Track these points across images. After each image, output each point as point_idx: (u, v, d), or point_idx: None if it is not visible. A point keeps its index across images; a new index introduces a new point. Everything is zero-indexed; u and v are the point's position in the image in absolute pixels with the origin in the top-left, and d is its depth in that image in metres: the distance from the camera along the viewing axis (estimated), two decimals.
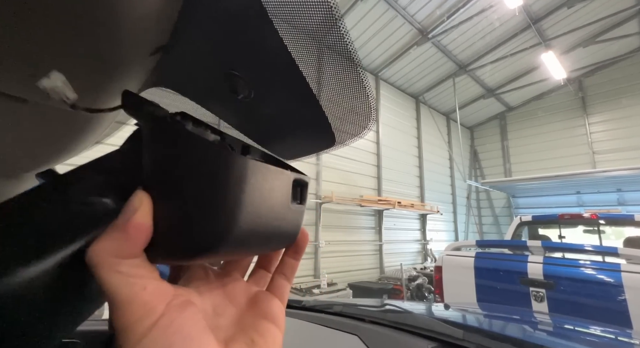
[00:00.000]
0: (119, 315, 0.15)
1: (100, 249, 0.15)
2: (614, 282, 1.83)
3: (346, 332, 0.68)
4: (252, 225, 0.17)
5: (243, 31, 0.21)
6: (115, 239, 0.15)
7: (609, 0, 5.80)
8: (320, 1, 0.19)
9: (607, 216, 3.33)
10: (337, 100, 0.25)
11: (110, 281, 0.15)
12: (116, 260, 0.15)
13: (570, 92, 8.00)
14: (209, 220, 0.16)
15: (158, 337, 0.14)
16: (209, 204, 0.16)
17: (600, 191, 7.26)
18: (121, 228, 0.15)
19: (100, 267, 0.15)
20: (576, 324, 1.07)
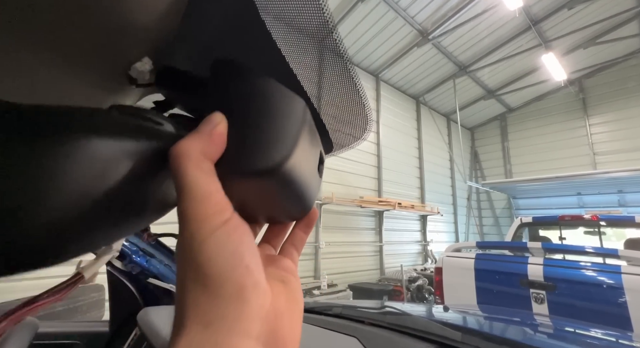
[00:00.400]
0: (195, 208, 0.15)
1: (190, 145, 0.16)
2: (614, 284, 1.83)
3: (345, 334, 0.68)
4: (298, 170, 0.19)
5: (241, 41, 0.22)
6: (202, 140, 0.17)
7: (610, 2, 5.81)
8: (315, 13, 0.20)
9: (607, 217, 3.33)
10: (334, 109, 0.25)
11: (194, 173, 0.16)
12: (201, 157, 0.16)
13: (571, 93, 8.00)
14: (271, 145, 0.18)
15: (228, 233, 0.16)
16: (274, 132, 0.18)
17: (601, 192, 7.25)
18: (207, 132, 0.17)
19: (188, 159, 0.16)
20: (576, 326, 1.07)
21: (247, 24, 0.22)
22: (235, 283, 0.15)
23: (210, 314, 0.15)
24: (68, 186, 0.13)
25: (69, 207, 0.14)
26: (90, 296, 1.69)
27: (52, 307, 1.52)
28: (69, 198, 0.14)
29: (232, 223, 0.16)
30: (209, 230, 0.15)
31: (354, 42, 5.62)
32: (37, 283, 2.23)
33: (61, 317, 1.46)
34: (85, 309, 1.65)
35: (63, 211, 0.14)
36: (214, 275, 0.15)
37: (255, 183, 0.18)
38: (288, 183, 0.19)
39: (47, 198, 0.13)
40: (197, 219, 0.15)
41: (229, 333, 0.14)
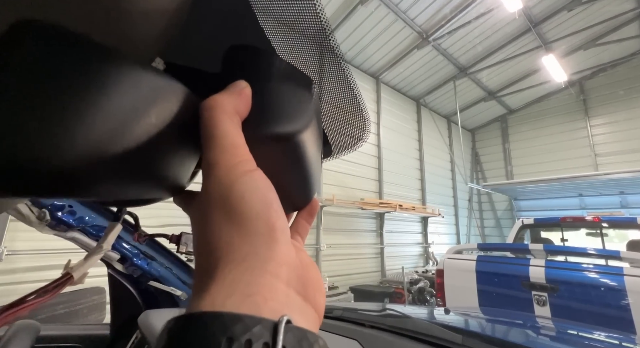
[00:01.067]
0: (225, 155, 0.16)
1: (224, 98, 0.17)
2: (616, 286, 1.82)
3: (346, 336, 0.68)
4: (308, 146, 0.20)
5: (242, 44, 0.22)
6: (234, 97, 0.18)
7: (609, 4, 5.82)
8: (312, 18, 0.20)
9: (609, 219, 3.32)
10: (332, 114, 0.25)
11: (227, 124, 0.17)
12: (234, 111, 0.17)
13: (572, 94, 7.99)
14: (290, 114, 0.19)
15: (257, 179, 0.16)
16: (294, 103, 0.20)
17: (602, 193, 7.22)
18: (237, 91, 0.18)
19: (222, 111, 0.17)
20: (578, 329, 1.06)
21: (243, 25, 0.22)
22: (267, 222, 0.15)
23: (243, 250, 0.14)
24: (106, 110, 0.14)
25: (103, 135, 0.14)
26: (92, 299, 1.69)
27: (53, 310, 1.52)
28: (104, 126, 0.14)
29: (259, 173, 0.17)
30: (238, 174, 0.16)
31: (354, 45, 5.64)
32: (37, 287, 2.21)
33: (62, 320, 1.46)
34: (87, 312, 1.65)
35: (98, 138, 0.14)
36: (247, 213, 0.15)
37: (271, 149, 0.19)
38: (300, 155, 0.20)
39: (85, 120, 0.13)
40: (226, 165, 0.16)
41: (262, 271, 0.14)
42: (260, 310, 0.12)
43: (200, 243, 0.16)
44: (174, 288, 0.86)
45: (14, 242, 2.61)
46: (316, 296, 0.16)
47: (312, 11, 0.20)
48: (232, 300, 0.13)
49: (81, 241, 0.74)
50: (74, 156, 0.13)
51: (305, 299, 0.15)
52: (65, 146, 0.13)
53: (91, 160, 0.14)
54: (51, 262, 2.74)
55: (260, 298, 0.13)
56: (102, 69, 0.13)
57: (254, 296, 0.13)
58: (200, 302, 0.13)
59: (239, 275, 0.14)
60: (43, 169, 0.12)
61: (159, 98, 0.16)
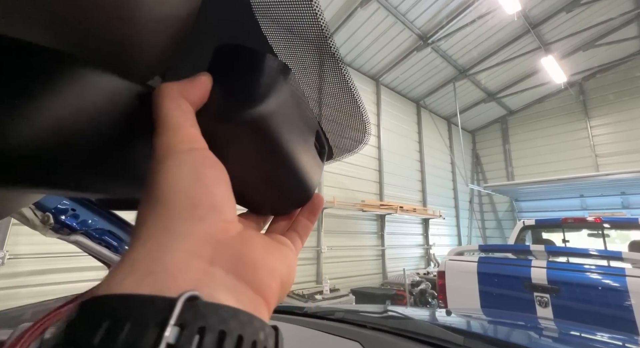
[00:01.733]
0: (165, 137, 0.15)
1: (171, 86, 0.17)
2: (619, 287, 1.81)
3: (348, 338, 0.68)
4: (279, 127, 0.19)
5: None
6: (183, 84, 0.17)
7: (608, 5, 5.84)
8: (311, 21, 0.20)
9: (611, 219, 3.31)
10: (332, 117, 0.26)
11: (169, 107, 0.16)
12: (180, 97, 0.17)
13: (571, 95, 8.00)
14: (248, 94, 0.18)
15: (192, 156, 0.15)
16: (251, 83, 0.19)
17: (603, 194, 7.20)
18: (190, 79, 0.18)
19: (166, 97, 0.17)
20: (581, 330, 1.06)
21: (246, 33, 0.23)
22: (188, 199, 0.14)
23: (153, 227, 0.13)
24: (55, 104, 0.14)
25: (50, 128, 0.14)
26: None
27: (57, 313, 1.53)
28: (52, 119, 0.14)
29: (202, 152, 0.16)
30: (172, 152, 0.15)
31: (354, 47, 5.67)
32: (39, 290, 2.26)
33: None
34: None
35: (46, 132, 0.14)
36: (167, 187, 0.14)
37: (242, 138, 0.18)
38: (276, 142, 0.19)
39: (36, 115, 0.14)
40: (163, 145, 0.15)
41: (172, 249, 0.12)
42: (164, 289, 0.11)
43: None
44: None
45: (16, 246, 2.61)
46: (258, 276, 0.14)
47: (311, 15, 0.20)
48: (130, 279, 0.11)
49: (84, 245, 0.75)
50: (18, 143, 0.14)
51: (240, 278, 0.14)
52: (10, 133, 0.13)
53: (35, 146, 0.14)
54: (53, 266, 2.75)
55: (166, 275, 0.12)
56: (43, 67, 0.14)
57: (157, 274, 0.11)
58: (98, 285, 0.12)
59: (144, 253, 0.12)
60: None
61: (101, 92, 0.16)
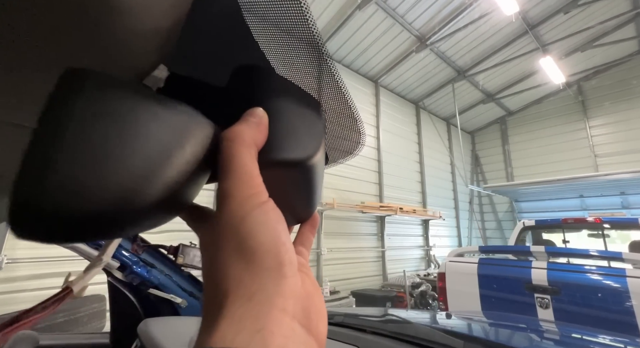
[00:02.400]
0: (240, 187, 0.16)
1: (244, 130, 0.18)
2: (619, 288, 1.81)
3: (347, 343, 0.67)
4: (319, 167, 0.21)
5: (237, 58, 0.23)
6: (252, 128, 0.18)
7: (605, 6, 5.87)
8: (305, 28, 0.20)
9: (611, 220, 3.31)
10: (328, 124, 0.26)
11: (245, 156, 0.17)
12: (252, 142, 0.18)
13: (570, 96, 8.02)
14: (305, 140, 0.20)
15: (267, 212, 0.17)
16: (307, 129, 0.21)
17: (603, 194, 7.20)
18: (256, 121, 0.18)
19: (241, 143, 0.17)
20: (582, 333, 1.05)
21: (240, 39, 0.23)
22: (275, 257, 0.16)
23: (253, 287, 0.15)
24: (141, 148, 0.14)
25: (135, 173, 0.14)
26: (92, 307, 1.67)
27: (53, 319, 1.51)
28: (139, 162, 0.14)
29: (270, 205, 0.17)
30: (250, 207, 0.16)
31: (353, 49, 5.68)
32: (37, 295, 2.25)
33: (62, 328, 1.45)
34: (87, 320, 1.63)
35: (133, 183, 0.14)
36: (256, 249, 0.15)
37: (283, 173, 0.20)
38: (310, 178, 0.21)
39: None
40: (240, 196, 0.16)
41: (270, 307, 0.14)
42: (267, 345, 0.13)
43: (209, 273, 0.16)
44: (174, 296, 0.85)
45: (14, 250, 2.60)
46: (319, 326, 0.17)
47: (304, 25, 0.20)
48: (241, 336, 0.13)
49: (80, 250, 0.74)
50: (107, 202, 0.13)
51: (309, 331, 0.16)
52: (101, 192, 0.13)
53: (121, 207, 0.14)
54: (51, 270, 2.73)
55: (268, 333, 0.13)
56: (138, 113, 0.14)
57: (262, 331, 0.13)
58: (211, 338, 0.13)
59: (248, 310, 0.14)
60: (75, 214, 0.13)
61: (187, 134, 0.16)
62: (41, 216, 0.12)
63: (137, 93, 0.15)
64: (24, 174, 0.12)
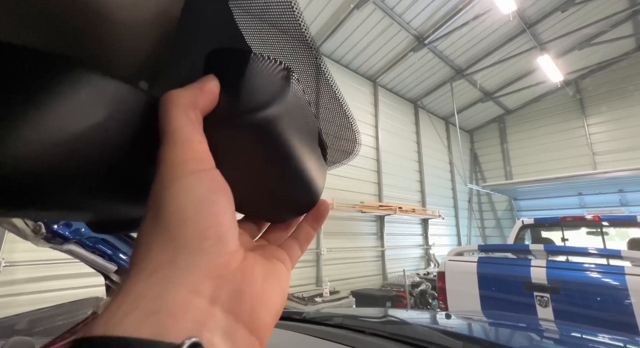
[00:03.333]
0: (173, 152, 0.15)
1: (181, 94, 0.16)
2: (618, 286, 1.81)
3: (346, 345, 0.67)
4: (286, 129, 0.18)
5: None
6: (193, 92, 0.16)
7: (603, 4, 5.88)
8: (297, 31, 0.20)
9: (609, 217, 3.31)
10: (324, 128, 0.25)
11: (179, 119, 0.15)
12: (189, 105, 0.16)
13: (568, 94, 8.04)
14: (256, 96, 0.18)
15: (201, 180, 0.14)
16: (260, 86, 0.19)
17: (601, 192, 7.23)
18: (199, 86, 0.17)
19: (176, 105, 0.16)
20: (580, 332, 1.05)
21: (228, 37, 0.22)
22: (196, 229, 0.13)
23: (160, 258, 0.12)
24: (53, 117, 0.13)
25: (49, 144, 0.13)
26: (97, 314, 1.67)
27: (52, 321, 1.51)
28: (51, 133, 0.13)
29: (211, 174, 0.15)
30: (180, 173, 0.14)
31: (351, 49, 5.68)
32: (36, 298, 2.24)
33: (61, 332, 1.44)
34: None
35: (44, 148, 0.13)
36: (174, 215, 0.13)
37: (248, 142, 0.18)
38: (282, 146, 0.18)
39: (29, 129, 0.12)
40: (172, 162, 0.14)
41: (176, 284, 0.12)
42: (165, 331, 0.11)
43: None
44: None
45: (12, 253, 2.59)
46: (257, 314, 0.14)
47: (296, 27, 0.20)
48: (131, 319, 0.11)
49: (78, 254, 0.74)
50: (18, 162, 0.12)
51: (237, 319, 0.13)
52: (10, 150, 0.12)
53: (37, 166, 0.13)
54: (49, 273, 2.72)
55: (167, 316, 0.11)
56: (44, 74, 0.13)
57: (160, 314, 0.11)
58: (95, 321, 0.11)
59: (147, 287, 0.12)
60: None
61: (107, 101, 0.15)
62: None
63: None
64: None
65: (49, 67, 0.13)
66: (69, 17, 0.15)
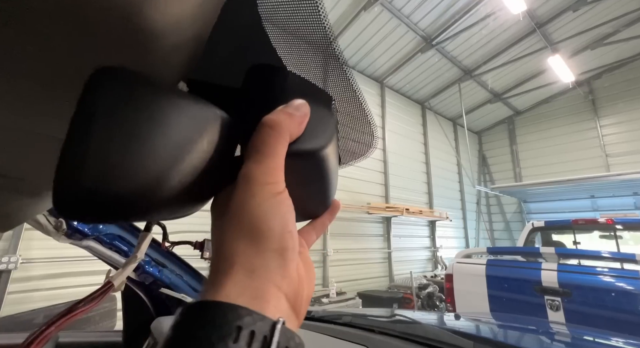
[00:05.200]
0: (264, 174, 0.18)
1: (285, 120, 0.19)
2: (633, 290, 1.77)
3: (355, 343, 0.68)
4: (332, 157, 0.22)
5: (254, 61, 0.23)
6: (293, 121, 0.19)
7: (615, 3, 5.76)
8: (316, 25, 0.21)
9: (623, 221, 3.23)
10: (342, 126, 0.26)
11: (278, 145, 0.18)
12: (287, 132, 0.19)
13: (580, 95, 7.88)
14: (318, 132, 0.21)
15: (281, 202, 0.18)
16: (321, 122, 0.22)
17: (615, 195, 7.04)
18: (299, 114, 0.19)
19: (279, 131, 0.18)
20: (594, 335, 1.04)
21: (252, 37, 0.24)
22: (280, 242, 0.18)
23: (256, 263, 0.17)
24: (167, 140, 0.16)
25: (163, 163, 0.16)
26: (103, 306, 1.71)
27: None
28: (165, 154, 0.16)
29: (285, 195, 0.19)
30: (268, 194, 0.18)
31: (358, 50, 5.68)
32: (51, 294, 2.29)
33: (75, 327, 1.49)
34: (98, 319, 1.67)
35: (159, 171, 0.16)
36: (265, 231, 0.17)
37: (297, 164, 0.21)
38: (323, 170, 0.22)
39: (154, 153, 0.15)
40: (262, 183, 0.18)
41: (268, 282, 0.17)
42: (264, 311, 0.15)
43: (218, 244, 0.18)
44: (185, 295, 0.87)
45: (28, 251, 2.67)
46: (302, 308, 0.19)
47: (316, 18, 0.21)
48: (243, 298, 0.15)
49: (95, 250, 0.76)
50: (137, 185, 0.15)
51: (293, 309, 0.18)
52: (130, 175, 0.15)
53: (150, 189, 0.16)
54: (65, 270, 2.79)
55: (264, 302, 0.16)
56: (163, 107, 0.16)
57: (260, 299, 0.16)
58: (216, 294, 0.15)
59: (250, 281, 0.16)
60: (109, 195, 0.15)
61: (208, 126, 0.18)
62: (78, 197, 0.14)
63: (160, 87, 0.16)
64: (65, 160, 0.14)
65: (177, 105, 0.16)
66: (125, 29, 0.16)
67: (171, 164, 0.16)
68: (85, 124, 0.14)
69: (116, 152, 0.14)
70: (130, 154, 0.15)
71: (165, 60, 0.19)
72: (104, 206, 0.15)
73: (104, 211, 0.15)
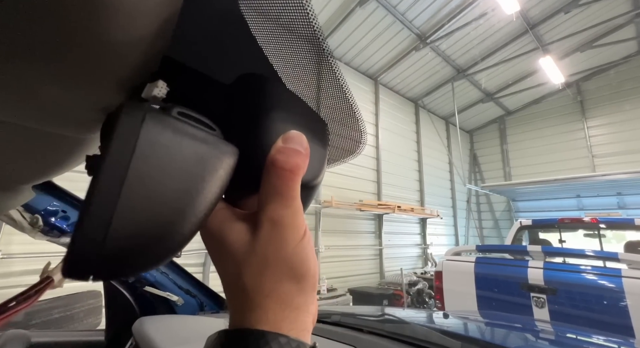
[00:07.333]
0: (294, 218, 0.19)
1: (300, 162, 0.19)
2: (614, 288, 1.82)
3: (344, 343, 0.67)
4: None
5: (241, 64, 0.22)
6: (305, 160, 0.19)
7: (606, 6, 5.86)
8: (305, 24, 0.19)
9: (607, 220, 3.32)
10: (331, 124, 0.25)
11: (298, 187, 0.19)
12: (303, 172, 0.19)
13: (569, 96, 8.04)
14: (318, 165, 0.22)
15: (308, 241, 0.19)
16: (319, 156, 0.22)
17: (600, 194, 7.25)
18: (302, 150, 0.19)
19: (298, 175, 0.19)
20: (577, 333, 1.06)
21: (239, 31, 0.22)
22: (313, 278, 0.19)
23: (299, 300, 0.19)
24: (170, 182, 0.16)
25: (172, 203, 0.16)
26: (88, 303, 1.66)
27: (48, 314, 1.50)
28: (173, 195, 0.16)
29: (309, 235, 0.20)
30: (299, 237, 0.19)
31: (353, 46, 5.65)
32: None
33: (58, 324, 1.44)
34: (83, 316, 1.62)
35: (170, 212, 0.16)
36: (304, 273, 0.19)
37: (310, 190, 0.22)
38: (312, 195, 0.23)
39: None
40: (293, 227, 0.19)
41: (307, 313, 0.19)
42: (301, 337, 0.18)
43: (249, 280, 0.18)
44: (170, 294, 0.84)
45: (9, 246, 2.59)
46: None
47: (305, 20, 0.19)
48: (284, 326, 0.17)
49: None
50: (155, 242, 0.15)
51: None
52: (158, 235, 0.15)
53: (174, 244, 0.16)
54: None
55: (302, 329, 0.18)
56: (183, 152, 0.16)
57: (305, 331, 0.18)
58: (258, 323, 0.17)
59: (290, 313, 0.18)
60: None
61: (217, 166, 0.17)
62: (101, 258, 0.14)
63: (180, 129, 0.16)
64: (89, 219, 0.14)
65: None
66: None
67: (184, 211, 0.16)
68: (116, 181, 0.14)
69: (143, 211, 0.14)
70: (159, 213, 0.15)
71: (128, 27, 0.17)
72: (127, 264, 0.15)
73: (124, 269, 0.16)
